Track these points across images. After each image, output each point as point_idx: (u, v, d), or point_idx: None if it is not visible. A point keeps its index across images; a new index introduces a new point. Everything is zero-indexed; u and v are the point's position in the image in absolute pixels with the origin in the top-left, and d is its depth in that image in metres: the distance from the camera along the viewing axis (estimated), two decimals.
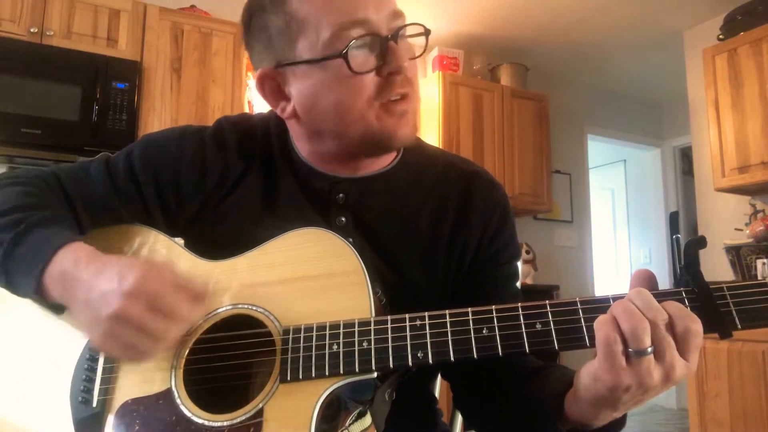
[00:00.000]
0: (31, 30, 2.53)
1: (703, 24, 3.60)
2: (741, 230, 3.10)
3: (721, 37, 3.20)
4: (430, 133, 3.59)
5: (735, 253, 2.97)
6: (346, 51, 0.69)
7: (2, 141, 2.42)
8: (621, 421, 0.62)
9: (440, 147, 3.49)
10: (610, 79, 4.53)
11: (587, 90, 4.62)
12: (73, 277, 0.63)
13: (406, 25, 0.74)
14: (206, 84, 2.89)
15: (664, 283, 4.57)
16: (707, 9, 3.45)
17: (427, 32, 0.77)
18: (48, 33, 2.56)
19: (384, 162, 0.84)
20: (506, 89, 3.85)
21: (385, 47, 0.71)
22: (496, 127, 3.75)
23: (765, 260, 2.84)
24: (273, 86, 0.77)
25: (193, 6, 3.05)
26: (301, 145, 0.82)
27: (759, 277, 2.82)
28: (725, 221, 3.33)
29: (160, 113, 2.76)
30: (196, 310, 0.63)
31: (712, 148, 3.15)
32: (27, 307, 0.70)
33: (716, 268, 3.13)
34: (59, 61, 2.52)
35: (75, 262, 0.64)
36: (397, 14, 0.74)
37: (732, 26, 3.15)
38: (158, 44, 2.80)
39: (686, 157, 4.68)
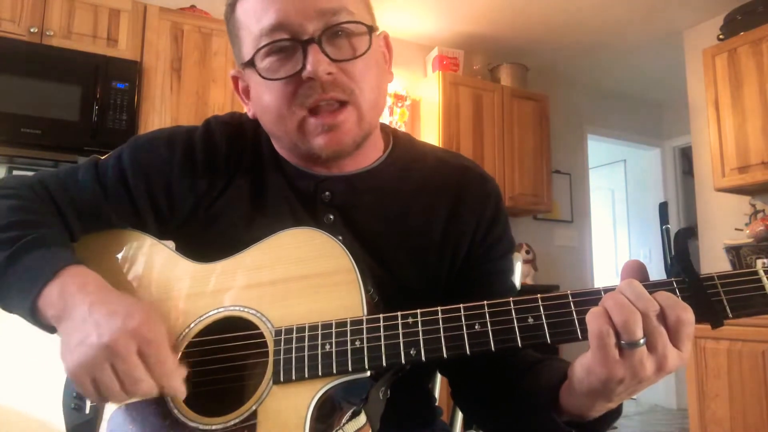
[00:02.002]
0: (31, 30, 2.53)
1: (703, 24, 3.59)
2: (741, 230, 3.10)
3: (721, 37, 3.20)
4: (430, 133, 3.59)
5: (735, 253, 2.97)
6: (253, 58, 0.71)
7: (2, 141, 2.42)
8: (617, 411, 0.62)
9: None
10: (610, 79, 4.52)
11: (587, 90, 4.62)
12: (74, 297, 0.63)
13: (332, 26, 0.70)
14: (206, 84, 2.89)
15: None
16: (707, 9, 3.44)
17: (370, 30, 0.74)
18: (48, 33, 2.56)
19: (370, 158, 0.83)
20: (506, 89, 3.84)
21: (302, 51, 0.69)
22: (496, 127, 3.75)
23: (765, 260, 2.84)
24: (243, 87, 0.80)
25: (193, 6, 3.05)
26: (277, 147, 0.82)
27: None
28: (725, 221, 3.32)
29: (160, 113, 2.77)
30: (175, 376, 0.63)
31: (712, 148, 3.15)
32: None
33: (716, 268, 3.12)
34: (59, 61, 2.52)
35: (81, 286, 0.64)
36: (329, 12, 0.70)
37: (732, 26, 3.15)
38: (158, 44, 2.81)
39: (686, 157, 4.68)
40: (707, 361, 2.71)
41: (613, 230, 5.41)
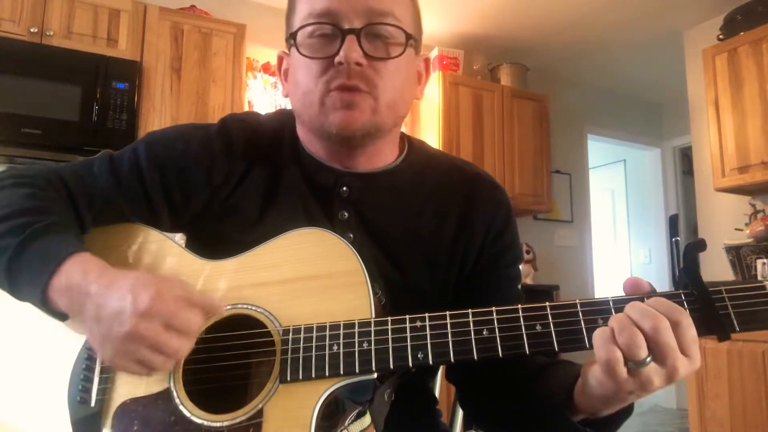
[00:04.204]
0: (31, 30, 2.53)
1: (703, 24, 3.60)
2: (741, 230, 3.10)
3: (721, 37, 3.20)
4: (430, 133, 3.59)
5: (735, 253, 2.97)
6: (296, 32, 0.76)
7: (2, 141, 2.41)
8: (629, 408, 0.63)
9: (440, 147, 3.49)
10: (610, 79, 4.53)
11: (587, 90, 4.62)
12: (80, 290, 0.63)
13: (374, 23, 0.74)
14: (206, 84, 2.89)
15: (665, 284, 4.56)
16: (707, 9, 3.45)
17: (407, 36, 0.77)
18: (48, 33, 2.56)
19: (387, 160, 0.84)
20: (506, 89, 3.84)
21: (340, 39, 0.73)
22: (496, 127, 3.75)
23: (765, 260, 2.84)
24: (285, 68, 0.85)
25: (193, 6, 3.05)
26: (301, 135, 0.84)
27: (759, 278, 2.82)
28: (725, 221, 3.33)
29: (160, 113, 2.76)
30: (204, 324, 0.64)
31: (712, 148, 3.15)
32: (24, 307, 0.70)
33: (716, 268, 3.13)
34: (59, 61, 2.52)
35: (83, 275, 0.63)
36: (376, 12, 0.74)
37: (732, 26, 3.15)
38: (158, 44, 2.80)
39: (686, 157, 4.68)
40: (707, 361, 2.72)
41: (613, 230, 5.41)
